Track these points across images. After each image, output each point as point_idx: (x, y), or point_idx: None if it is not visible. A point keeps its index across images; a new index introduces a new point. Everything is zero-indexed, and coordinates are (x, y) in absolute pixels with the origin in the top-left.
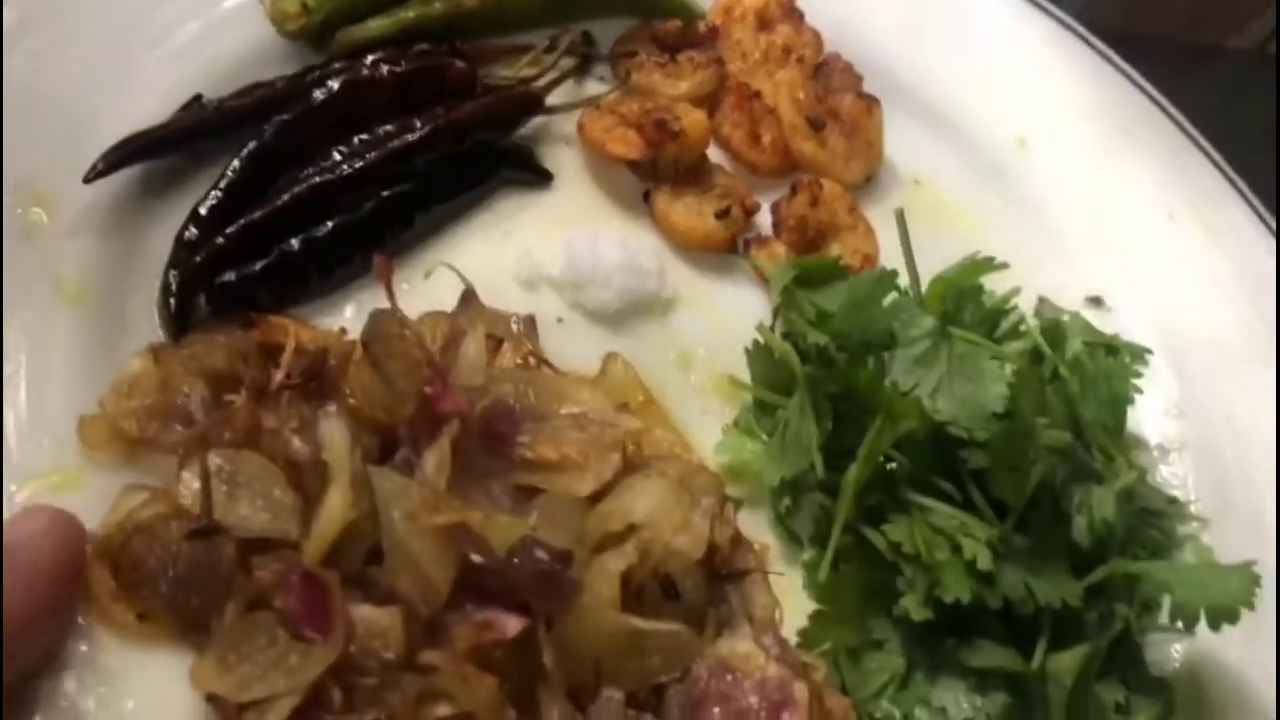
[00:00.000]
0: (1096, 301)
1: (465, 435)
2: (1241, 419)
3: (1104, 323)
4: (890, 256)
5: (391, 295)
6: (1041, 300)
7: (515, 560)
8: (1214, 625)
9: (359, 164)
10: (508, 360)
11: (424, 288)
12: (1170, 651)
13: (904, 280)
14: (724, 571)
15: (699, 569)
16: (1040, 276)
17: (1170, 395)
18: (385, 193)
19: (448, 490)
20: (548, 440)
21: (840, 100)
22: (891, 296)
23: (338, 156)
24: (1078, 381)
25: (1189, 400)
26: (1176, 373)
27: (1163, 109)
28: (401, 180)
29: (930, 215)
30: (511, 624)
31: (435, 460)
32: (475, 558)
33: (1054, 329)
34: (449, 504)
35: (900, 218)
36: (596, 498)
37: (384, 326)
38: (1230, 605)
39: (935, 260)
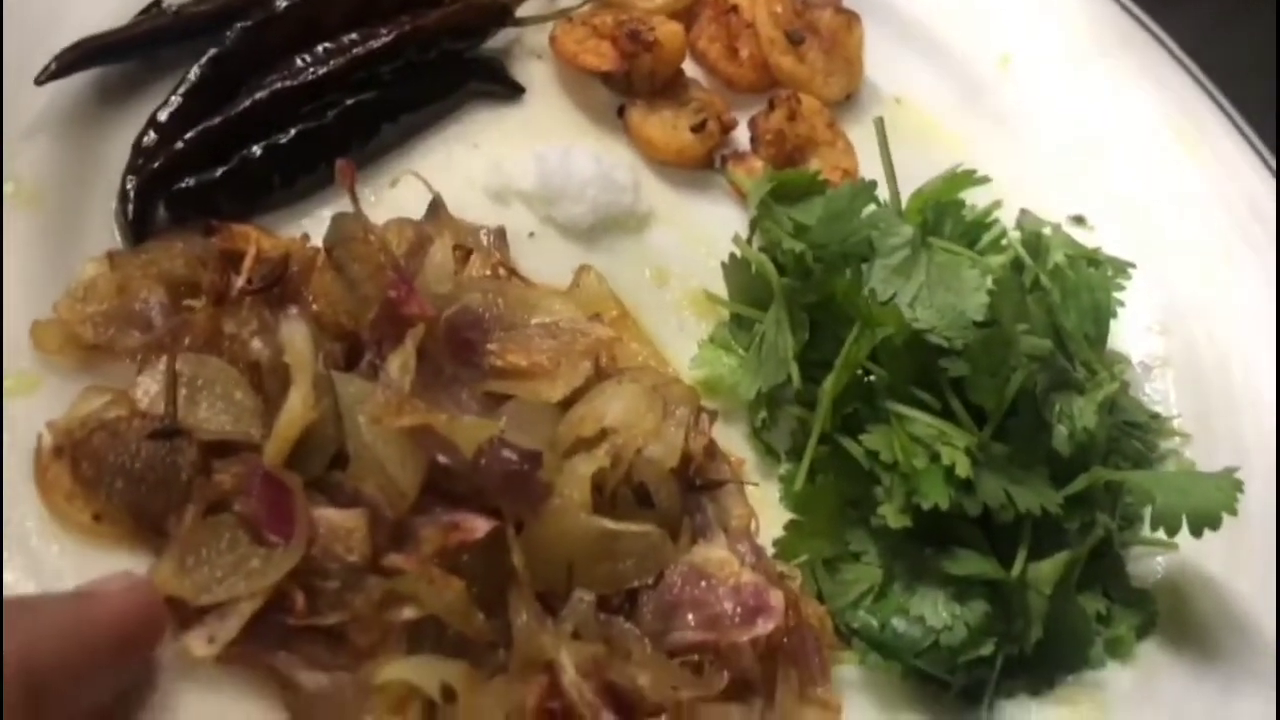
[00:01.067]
0: (1079, 220)
1: (432, 341)
2: (1222, 336)
3: (1086, 240)
4: (870, 173)
5: (355, 198)
6: (1023, 213)
7: (483, 462)
8: (1196, 531)
9: (322, 70)
10: (477, 270)
11: (390, 198)
12: (1153, 565)
13: (884, 193)
14: (698, 481)
15: (673, 477)
16: (1022, 195)
17: (1153, 312)
18: (350, 100)
19: (416, 395)
20: (517, 347)
21: (820, 15)
22: (870, 209)
23: (300, 64)
24: (1059, 290)
25: (1171, 317)
26: (1159, 290)
27: (1146, 27)
28: (366, 88)
29: (911, 134)
30: (480, 525)
31: (399, 362)
32: (442, 460)
33: (1035, 240)
34: (414, 405)
35: (880, 126)
36: (568, 405)
37: (347, 230)
38: (1213, 511)
39: (916, 179)
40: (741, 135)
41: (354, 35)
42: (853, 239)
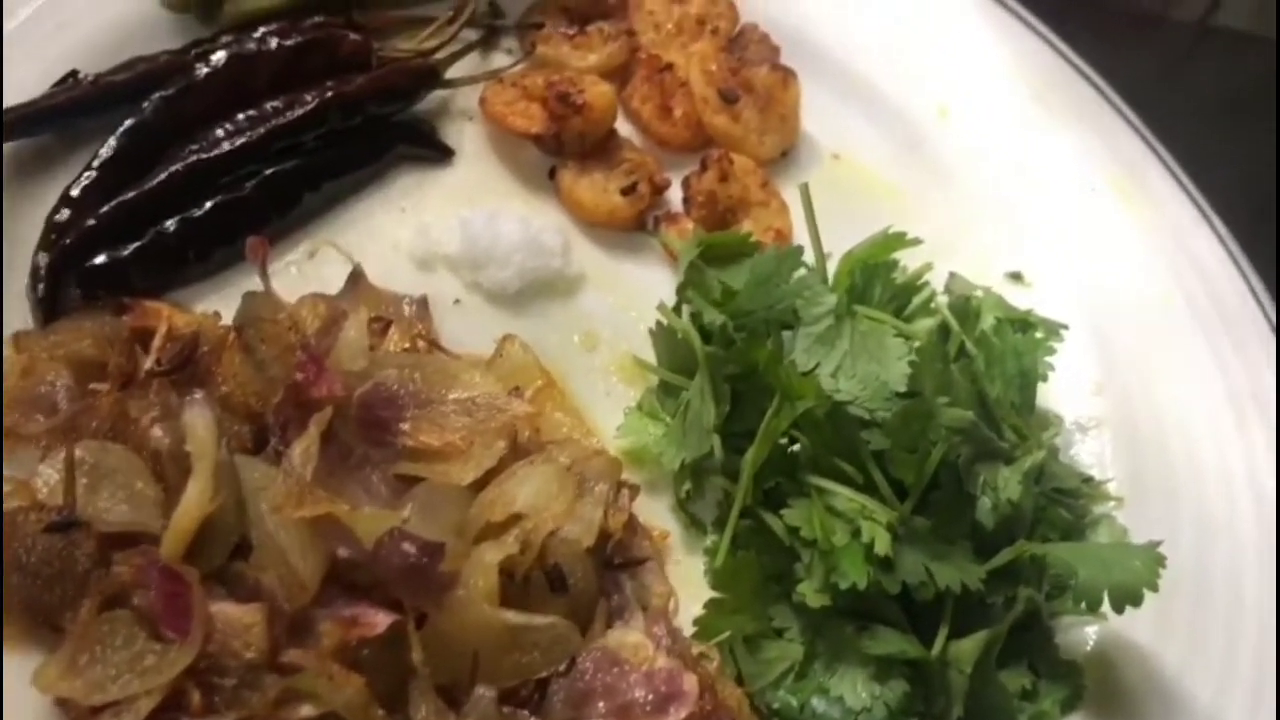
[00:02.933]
0: (1016, 277)
1: (342, 422)
2: (1160, 396)
3: (1024, 299)
4: (805, 236)
5: (265, 275)
6: (952, 276)
7: (383, 553)
8: (1117, 607)
9: (241, 140)
10: (396, 343)
11: (313, 270)
12: (1084, 634)
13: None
14: (617, 560)
15: (589, 558)
16: (962, 251)
17: (1090, 372)
18: (269, 170)
19: (321, 480)
20: (430, 426)
21: (755, 73)
22: (801, 273)
23: (220, 134)
24: (984, 358)
25: (1109, 377)
26: (1097, 349)
27: (1086, 77)
28: (288, 157)
29: (850, 189)
30: (380, 620)
31: (302, 449)
32: (343, 551)
33: (963, 305)
34: (315, 495)
35: (805, 192)
36: (484, 485)
37: (257, 309)
38: (1134, 586)
39: (855, 236)
40: (675, 195)
41: (276, 103)
42: (779, 305)
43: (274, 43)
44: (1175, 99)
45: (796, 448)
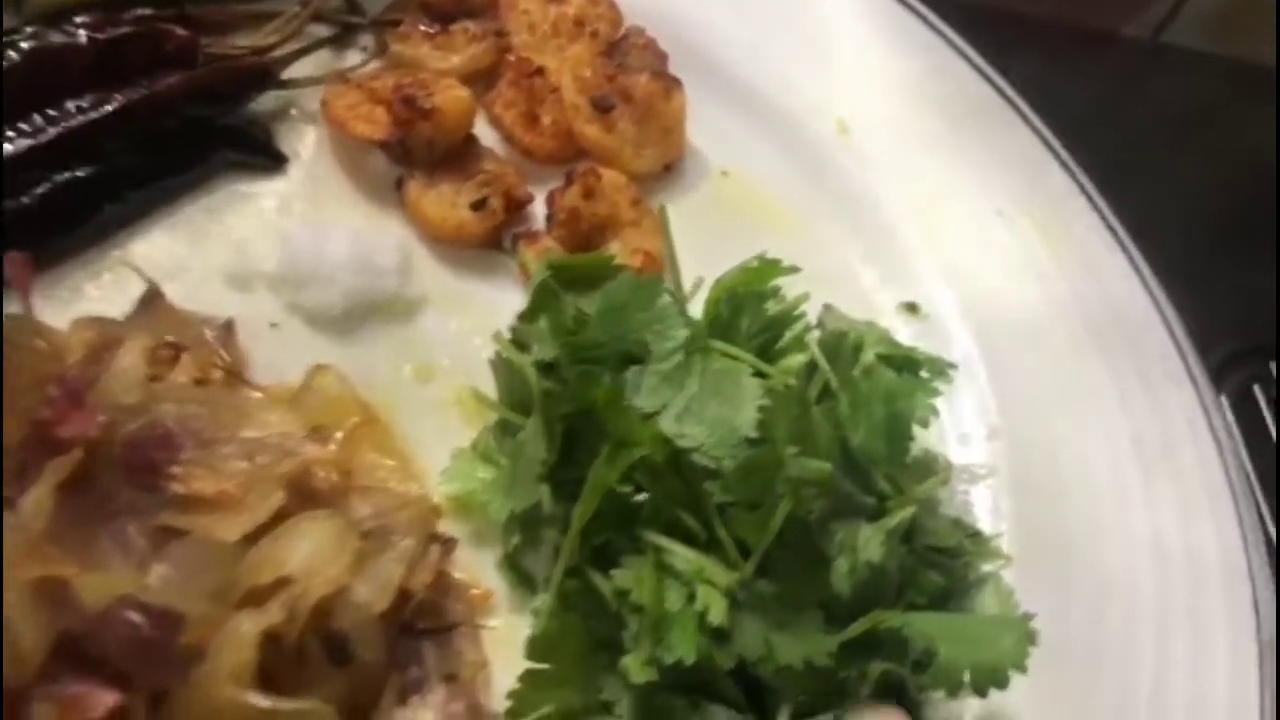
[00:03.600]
0: (911, 308)
1: (104, 465)
2: (1059, 442)
3: (917, 332)
4: (691, 255)
5: (26, 297)
6: (826, 309)
7: (108, 624)
8: (979, 690)
9: (28, 144)
10: (187, 372)
11: (107, 292)
12: (963, 707)
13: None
14: (420, 625)
15: (383, 623)
16: (856, 278)
17: (985, 414)
18: (60, 178)
19: (64, 533)
20: (205, 471)
21: (635, 81)
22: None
23: (11, 134)
24: (848, 402)
25: (1005, 420)
26: (993, 389)
27: (1000, 91)
28: (86, 163)
29: (738, 209)
30: (103, 700)
31: (34, 499)
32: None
33: (836, 341)
34: (43, 553)
35: (662, 213)
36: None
37: (15, 335)
38: (999, 667)
39: (740, 260)
40: (539, 211)
41: (81, 102)
42: (630, 337)
43: (84, 36)
44: (1126, 116)
45: (642, 495)
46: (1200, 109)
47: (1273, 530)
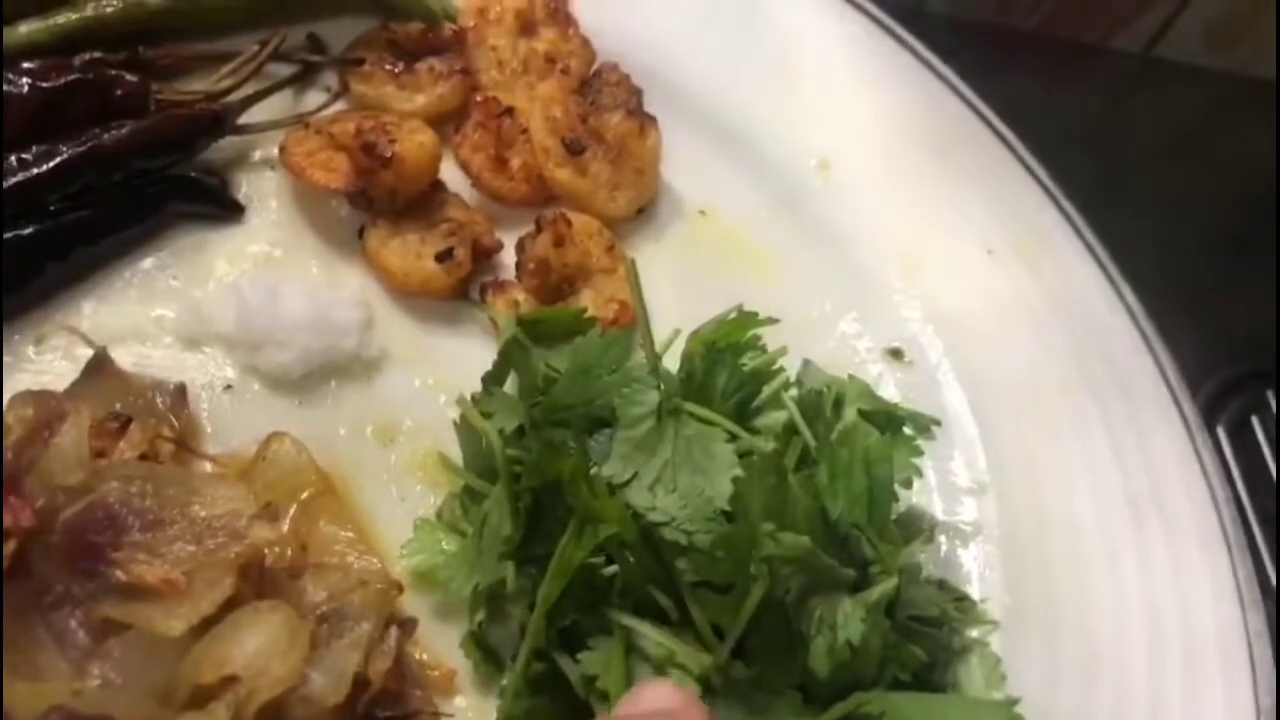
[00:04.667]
0: (896, 354)
1: (42, 551)
2: (1048, 498)
3: (903, 380)
4: (664, 302)
5: None
6: (805, 364)
7: None
8: None
9: None
10: (134, 445)
11: (55, 356)
12: None
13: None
14: (380, 715)
15: (336, 716)
16: (838, 323)
17: (975, 467)
18: (1, 236)
19: (6, 627)
20: (149, 557)
21: (607, 120)
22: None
23: None
24: (826, 470)
25: (994, 474)
26: (982, 441)
27: (988, 123)
28: (27, 221)
29: (716, 251)
30: None
31: None
32: None
33: (815, 401)
34: None
35: (630, 268)
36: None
37: None
38: None
39: (718, 305)
40: (510, 257)
41: (25, 155)
42: (599, 401)
43: (27, 84)
44: (1118, 131)
45: (613, 568)
46: (1194, 123)
47: (1272, 573)
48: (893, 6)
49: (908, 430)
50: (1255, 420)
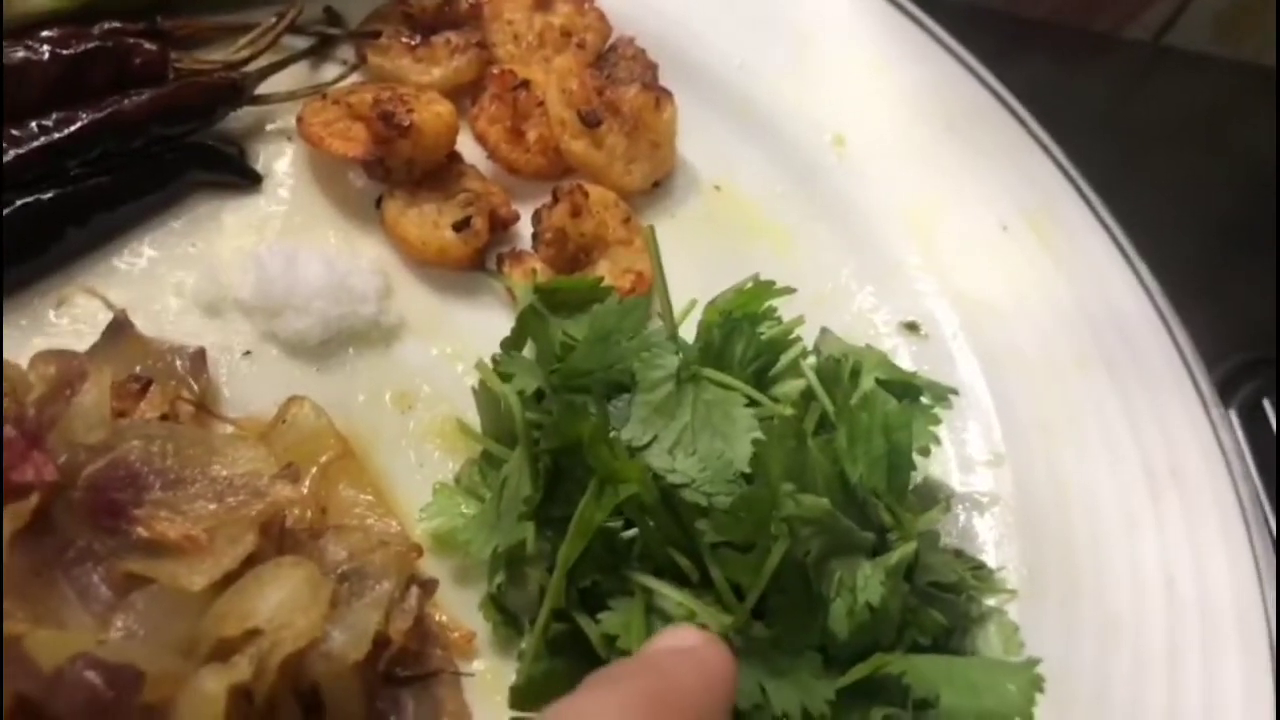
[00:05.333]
0: (912, 327)
1: (64, 507)
2: (1065, 470)
3: (918, 353)
4: (682, 274)
5: None
6: (823, 332)
7: (63, 685)
8: None
9: None
10: (154, 407)
11: (76, 319)
12: None
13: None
14: (399, 673)
15: (357, 674)
16: (854, 296)
17: (989, 439)
18: (20, 201)
19: (24, 583)
20: (171, 514)
21: (623, 93)
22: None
23: None
24: (845, 434)
25: (1011, 446)
26: (998, 413)
27: (1002, 101)
28: (47, 186)
29: (731, 226)
30: None
31: None
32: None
33: (833, 368)
34: None
35: (650, 235)
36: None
37: None
38: (1003, 714)
39: (733, 279)
40: (526, 229)
41: (45, 121)
42: (618, 366)
43: (48, 51)
44: (1129, 119)
45: (633, 531)
46: (1203, 111)
47: None
48: None
49: (925, 399)
50: (1267, 403)
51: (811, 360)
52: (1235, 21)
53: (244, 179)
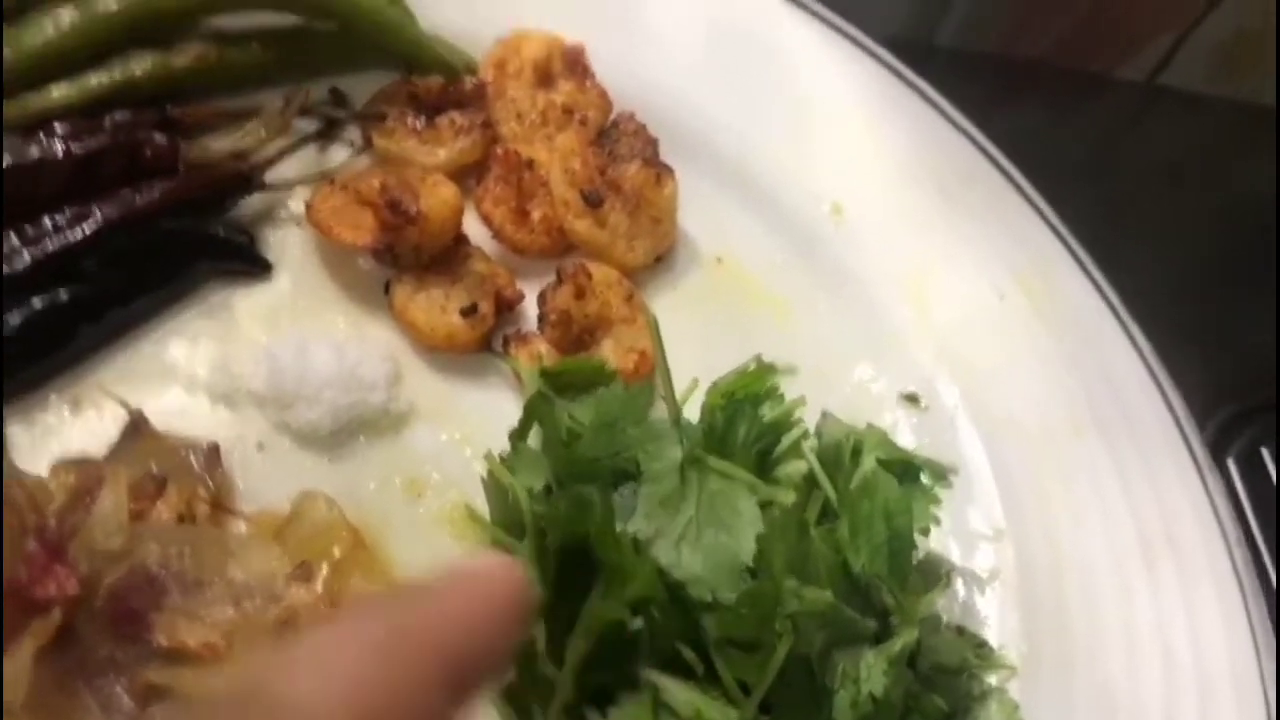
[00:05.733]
0: (911, 399)
1: (88, 617)
2: (1062, 541)
3: (920, 425)
4: (682, 349)
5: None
6: (824, 416)
7: None
8: None
9: (7, 270)
10: (170, 507)
11: (91, 419)
12: None
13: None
14: None
15: None
16: (854, 367)
17: (990, 513)
18: (36, 305)
19: (49, 696)
20: (189, 621)
21: (625, 170)
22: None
23: None
24: (849, 523)
25: (1011, 519)
26: (998, 484)
27: (993, 160)
28: (61, 286)
29: (732, 299)
30: None
31: (13, 671)
32: None
33: (834, 452)
34: None
35: (653, 326)
36: None
37: None
38: None
39: (736, 352)
40: (531, 308)
41: (59, 218)
42: (624, 454)
43: (61, 148)
44: (1122, 162)
45: (639, 622)
46: (1199, 152)
47: None
48: (901, 41)
49: (925, 478)
50: (1265, 452)
51: (813, 442)
52: (1234, 58)
53: (254, 267)
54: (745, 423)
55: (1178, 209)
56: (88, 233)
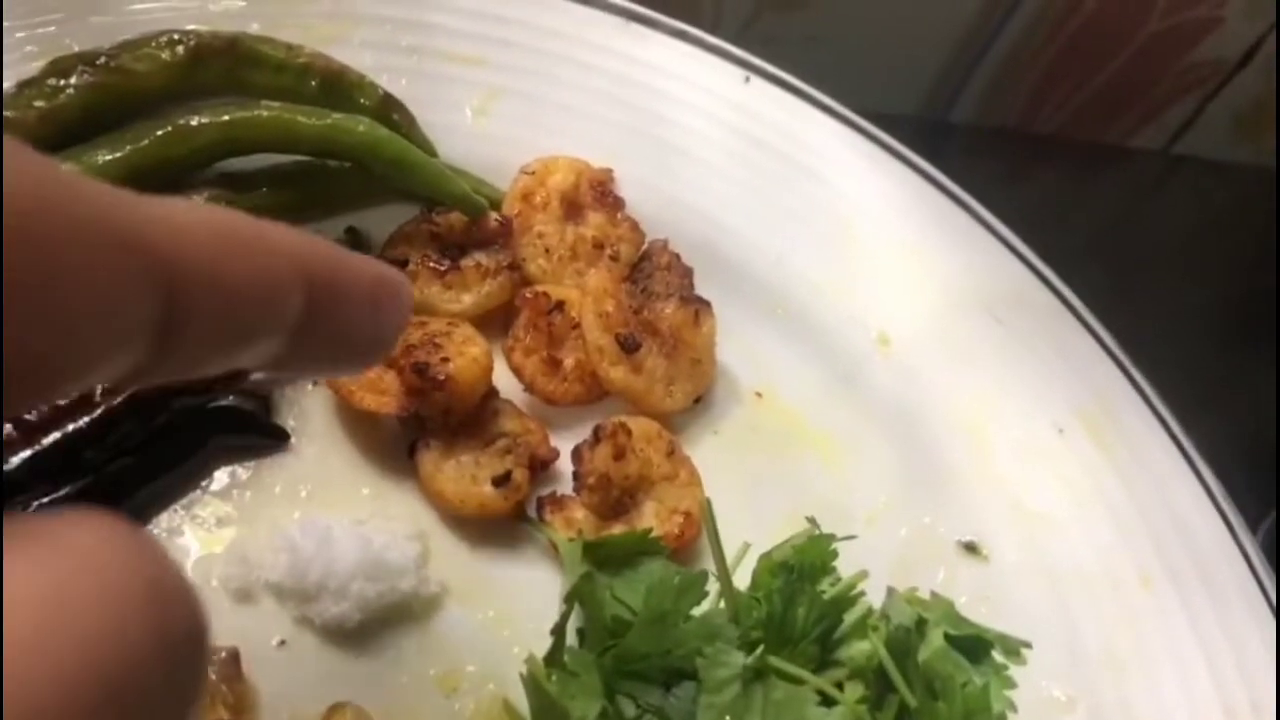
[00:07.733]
0: (971, 548)
1: None
2: (1138, 707)
3: (981, 578)
4: (725, 491)
5: None
6: (890, 594)
7: None
8: None
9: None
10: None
11: None
12: None
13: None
14: None
15: None
16: (908, 512)
17: (1061, 677)
18: (41, 501)
19: None
20: None
21: (662, 309)
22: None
23: None
24: None
25: (1083, 683)
26: (1068, 646)
27: (1048, 284)
28: (63, 480)
29: (775, 437)
30: None
31: None
32: None
33: (904, 639)
34: None
35: (707, 509)
36: None
37: None
38: None
39: (780, 494)
40: (566, 465)
41: (60, 404)
42: (678, 651)
43: None
44: (1140, 234)
45: None
46: (1221, 218)
47: None
48: (918, 120)
49: (997, 655)
50: None
51: (879, 625)
52: (1248, 126)
53: (271, 439)
54: (805, 603)
55: (1198, 275)
56: (90, 421)
